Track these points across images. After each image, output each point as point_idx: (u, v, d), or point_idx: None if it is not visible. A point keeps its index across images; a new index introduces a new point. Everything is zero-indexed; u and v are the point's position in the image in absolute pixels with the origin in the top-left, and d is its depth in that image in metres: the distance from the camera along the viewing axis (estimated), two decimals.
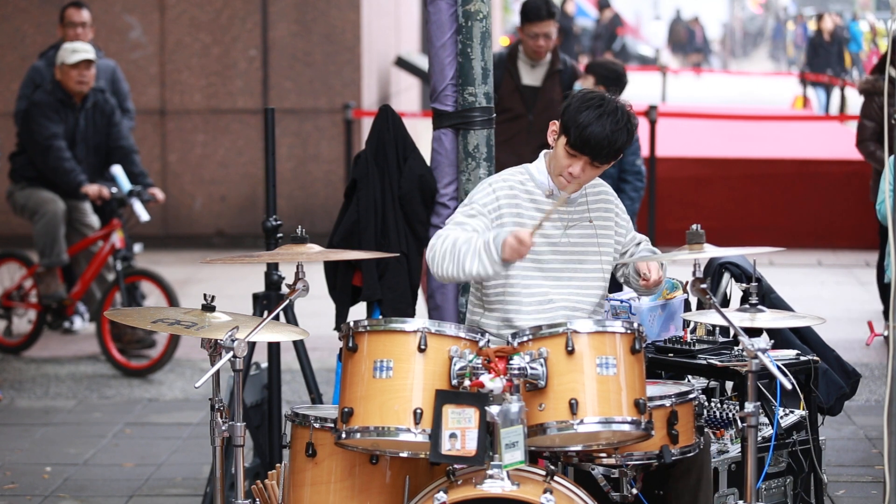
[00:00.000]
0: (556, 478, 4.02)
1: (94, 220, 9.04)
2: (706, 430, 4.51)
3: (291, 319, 5.76)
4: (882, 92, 7.87)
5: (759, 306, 4.66)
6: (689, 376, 4.96)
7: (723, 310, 4.29)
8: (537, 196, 4.55)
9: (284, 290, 5.80)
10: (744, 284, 5.09)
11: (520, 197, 4.53)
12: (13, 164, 9.04)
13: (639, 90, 24.29)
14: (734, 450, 4.76)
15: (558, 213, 4.53)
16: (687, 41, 42.54)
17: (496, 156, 5.78)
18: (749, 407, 4.20)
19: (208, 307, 4.38)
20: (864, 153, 8.59)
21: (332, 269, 5.85)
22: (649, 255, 4.58)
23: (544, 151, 4.65)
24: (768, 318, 4.62)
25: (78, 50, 8.78)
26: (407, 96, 16.51)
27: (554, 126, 4.53)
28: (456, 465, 4.00)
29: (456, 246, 4.34)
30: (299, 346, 5.92)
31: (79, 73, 8.76)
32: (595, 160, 4.44)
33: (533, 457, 4.19)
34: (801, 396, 4.93)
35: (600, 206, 4.65)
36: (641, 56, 34.54)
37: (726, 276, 5.67)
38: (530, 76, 8.37)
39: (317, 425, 4.24)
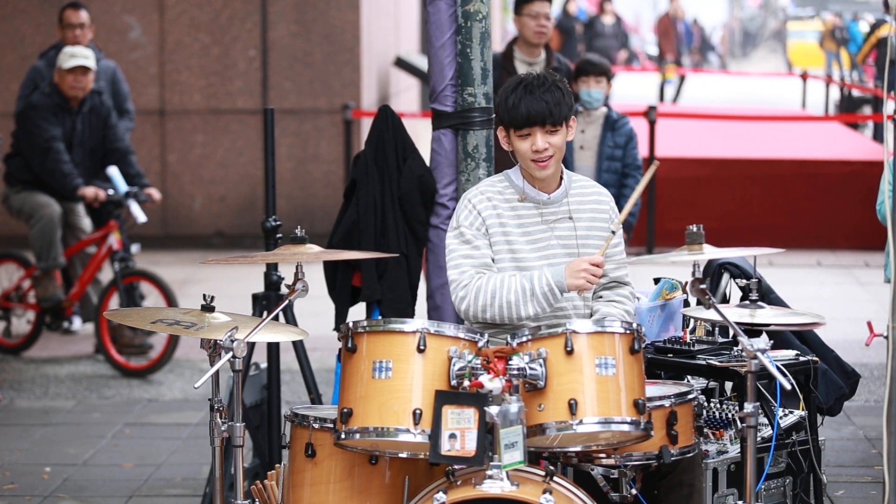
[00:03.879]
0: (555, 478, 4.02)
1: (86, 222, 9.02)
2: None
3: (291, 320, 5.75)
4: None
5: (759, 302, 4.65)
6: (689, 376, 4.96)
7: (723, 306, 4.29)
8: (515, 201, 4.58)
9: (284, 290, 5.80)
10: (743, 280, 5.08)
11: (500, 206, 4.56)
12: (8, 167, 8.99)
13: (638, 90, 24.38)
14: (734, 450, 4.75)
15: (542, 213, 4.54)
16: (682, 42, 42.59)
17: (495, 156, 5.78)
18: (748, 407, 4.20)
19: (207, 307, 4.38)
20: None
21: (331, 269, 5.85)
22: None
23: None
24: (768, 315, 4.61)
25: (76, 55, 8.75)
26: (406, 96, 16.50)
27: (501, 134, 4.60)
28: (455, 466, 3.99)
29: (498, 296, 4.44)
30: (299, 347, 5.92)
31: (74, 79, 8.73)
32: (546, 124, 4.47)
33: (533, 457, 4.19)
34: (801, 397, 4.93)
35: (588, 207, 4.63)
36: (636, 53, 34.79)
37: (725, 276, 5.67)
38: None
39: (316, 426, 4.24)
